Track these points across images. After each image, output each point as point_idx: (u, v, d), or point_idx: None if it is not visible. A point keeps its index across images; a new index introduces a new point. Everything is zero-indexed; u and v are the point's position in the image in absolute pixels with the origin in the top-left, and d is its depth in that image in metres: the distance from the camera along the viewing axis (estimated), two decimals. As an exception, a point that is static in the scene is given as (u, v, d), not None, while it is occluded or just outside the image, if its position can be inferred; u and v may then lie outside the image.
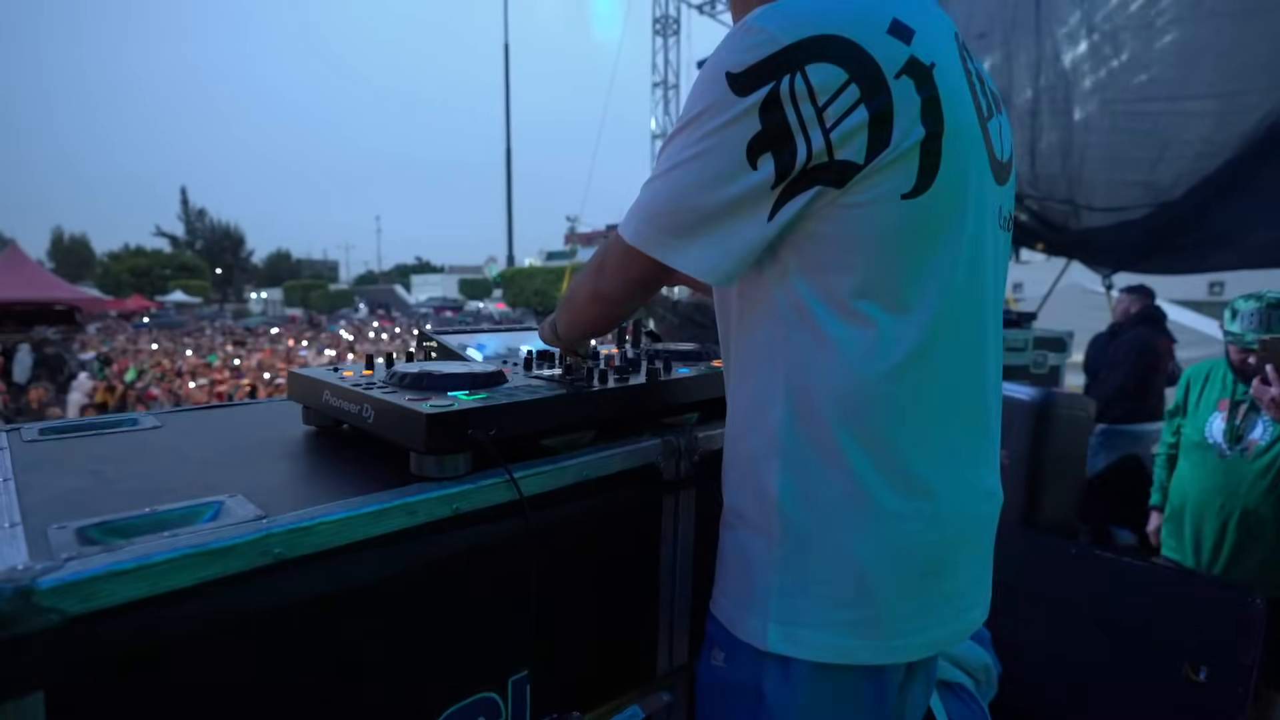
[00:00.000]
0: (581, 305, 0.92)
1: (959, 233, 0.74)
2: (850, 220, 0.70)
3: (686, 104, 0.73)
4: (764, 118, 0.67)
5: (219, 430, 0.98)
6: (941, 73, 0.70)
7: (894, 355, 0.73)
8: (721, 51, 0.70)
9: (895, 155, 0.68)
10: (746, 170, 0.68)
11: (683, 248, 0.73)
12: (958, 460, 0.78)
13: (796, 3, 0.69)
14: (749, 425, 0.81)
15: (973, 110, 0.75)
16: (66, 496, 0.67)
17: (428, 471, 0.74)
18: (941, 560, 0.78)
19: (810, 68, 0.65)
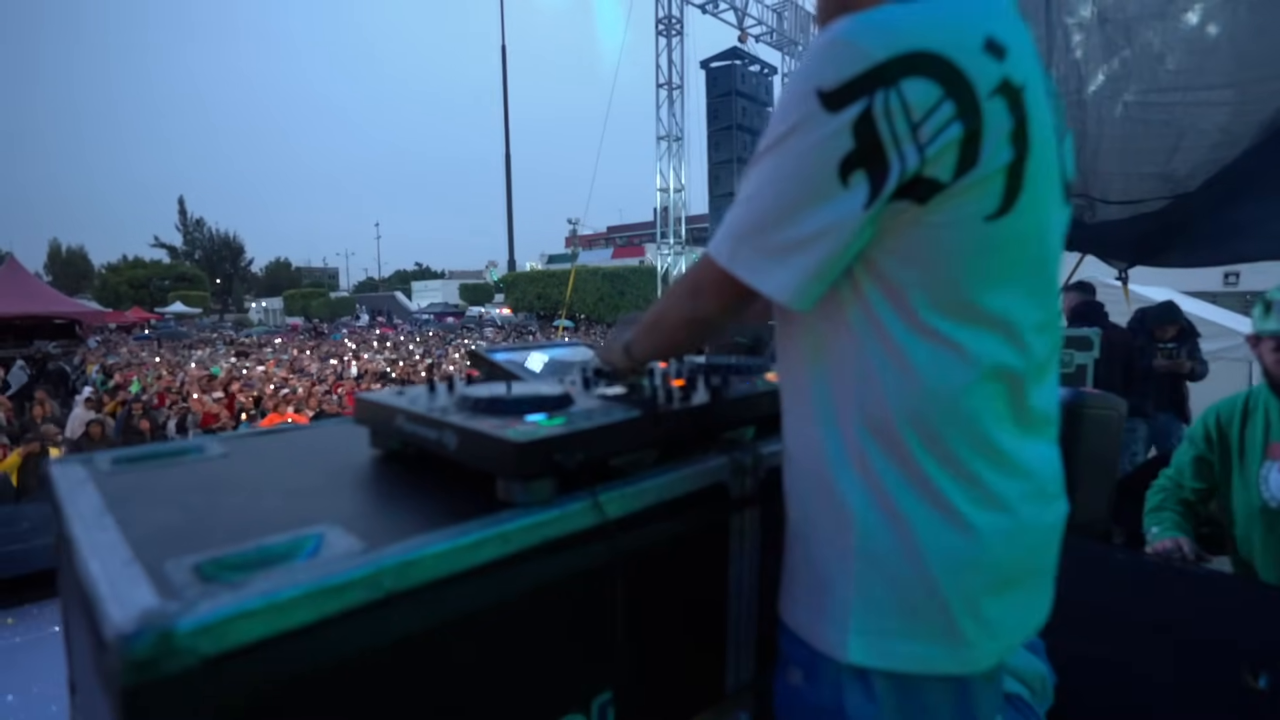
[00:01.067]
0: (674, 329, 0.91)
1: (1034, 253, 0.75)
2: (930, 238, 0.70)
3: (773, 120, 0.72)
4: (857, 135, 0.66)
5: (287, 456, 0.99)
6: (1031, 94, 0.70)
7: (970, 372, 0.73)
8: (810, 65, 0.68)
9: (982, 176, 0.68)
10: (838, 190, 0.68)
11: (769, 270, 0.73)
12: (1031, 472, 0.79)
13: (890, 16, 0.68)
14: (821, 439, 0.81)
15: (1052, 133, 0.75)
16: (168, 530, 0.67)
17: (515, 497, 0.74)
18: (1020, 571, 0.79)
19: (905, 84, 0.65)
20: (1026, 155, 0.69)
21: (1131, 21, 5.68)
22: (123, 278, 51.24)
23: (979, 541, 0.75)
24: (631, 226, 56.23)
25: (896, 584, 0.76)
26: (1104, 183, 5.71)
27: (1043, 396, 0.80)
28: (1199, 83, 5.46)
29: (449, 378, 1.04)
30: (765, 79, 11.90)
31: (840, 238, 0.70)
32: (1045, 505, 0.81)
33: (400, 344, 22.79)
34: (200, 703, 0.50)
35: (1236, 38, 5.03)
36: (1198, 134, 5.50)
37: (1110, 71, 5.76)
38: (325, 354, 18.66)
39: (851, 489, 0.78)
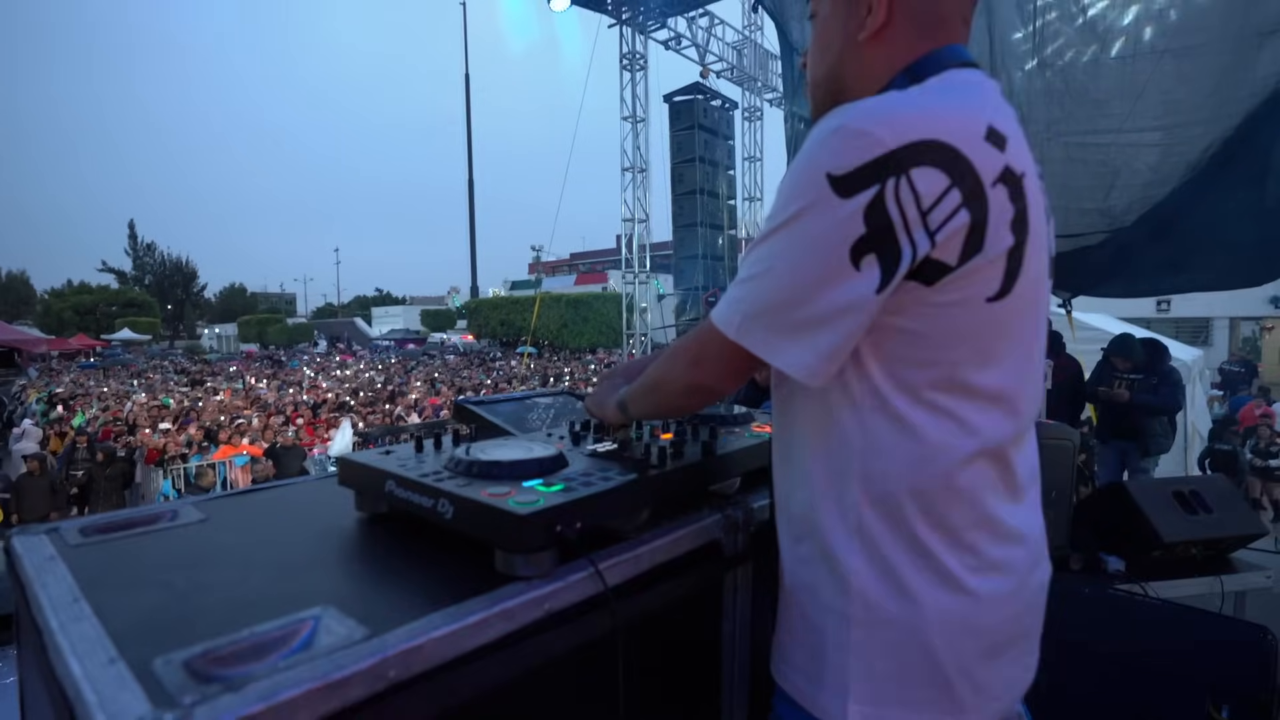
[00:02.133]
0: (675, 394, 0.92)
1: (1029, 328, 0.78)
2: (934, 318, 0.72)
3: (780, 201, 0.73)
4: (869, 220, 0.67)
5: (270, 522, 0.95)
6: (1029, 181, 0.73)
7: (970, 444, 0.75)
8: (819, 152, 0.69)
9: (986, 260, 0.70)
10: (851, 272, 0.69)
11: (784, 347, 0.74)
12: (1023, 537, 0.81)
13: (899, 105, 0.71)
14: (822, 506, 0.82)
15: (1045, 217, 0.79)
16: (152, 618, 0.64)
17: (516, 570, 0.73)
18: (1012, 634, 0.81)
19: (915, 172, 0.66)
20: (1025, 240, 0.73)
21: (1068, 68, 6.04)
22: (67, 303, 49.01)
23: (976, 608, 0.77)
24: (594, 253, 56.48)
25: (895, 652, 0.77)
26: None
27: (1026, 460, 0.83)
28: (1130, 125, 5.82)
29: (437, 435, 1.02)
30: (726, 113, 12.20)
31: (855, 319, 0.71)
32: (1034, 568, 0.83)
33: (360, 372, 22.28)
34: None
35: (1163, 86, 5.38)
36: (1131, 173, 5.86)
37: (1050, 114, 6.09)
38: (283, 382, 18.12)
39: (851, 556, 0.78)
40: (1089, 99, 5.90)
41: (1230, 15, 5.40)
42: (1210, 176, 5.36)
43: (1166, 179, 5.55)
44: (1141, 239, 5.70)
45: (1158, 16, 5.64)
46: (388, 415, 11.91)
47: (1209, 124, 5.44)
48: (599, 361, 24.57)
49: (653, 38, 10.05)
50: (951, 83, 0.77)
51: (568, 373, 21.04)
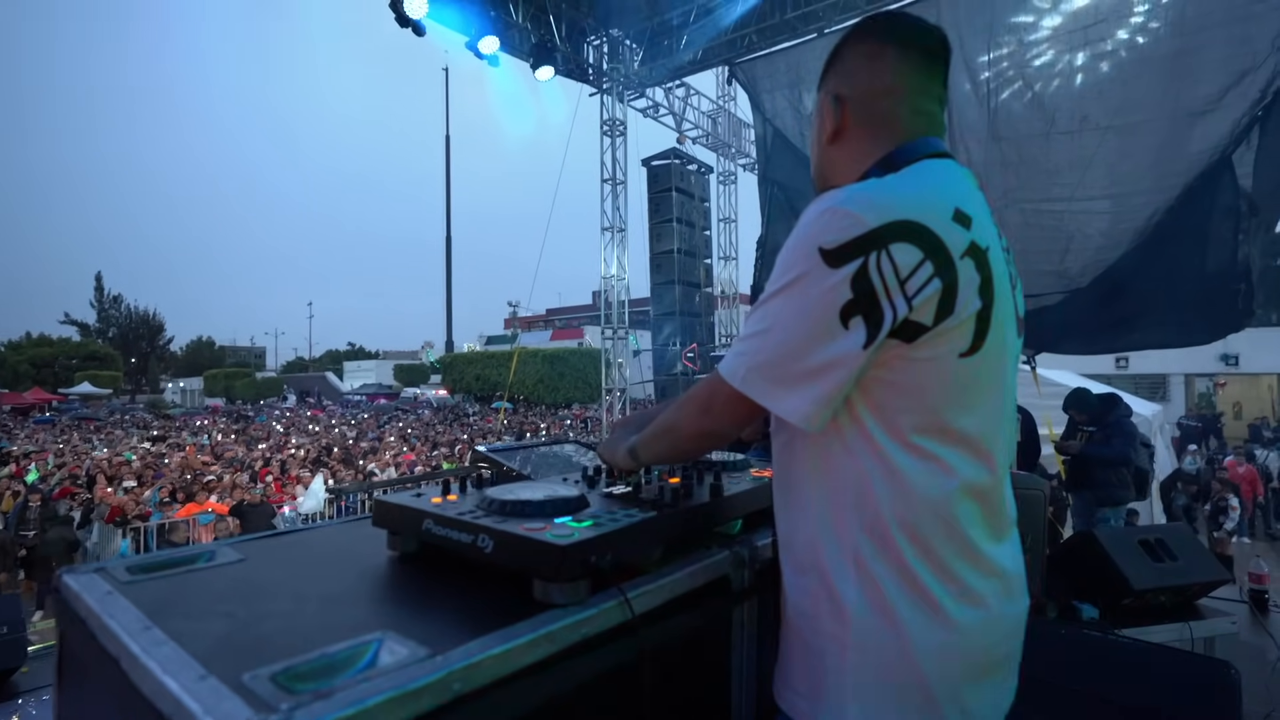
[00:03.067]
0: (685, 439, 1.01)
1: (998, 381, 0.90)
2: (914, 370, 0.83)
3: (779, 269, 0.84)
4: (855, 287, 0.79)
5: (308, 561, 1.00)
6: (992, 254, 0.86)
7: (951, 483, 0.85)
8: (813, 228, 0.82)
9: (957, 322, 0.82)
10: (840, 332, 0.80)
11: (784, 396, 0.84)
12: (1003, 571, 0.90)
13: (879, 190, 0.83)
14: (821, 540, 0.90)
15: (1009, 282, 0.91)
16: (226, 642, 0.69)
17: (554, 599, 0.80)
18: (994, 660, 0.89)
19: (894, 247, 0.78)
20: (991, 304, 0.85)
21: (1022, 140, 6.50)
22: (24, 356, 47.56)
23: (959, 634, 0.84)
24: (570, 309, 56.95)
25: (888, 675, 0.84)
26: (1011, 279, 6.29)
27: (1004, 501, 0.93)
28: (1081, 194, 6.24)
29: (463, 479, 1.09)
30: (702, 177, 12.72)
31: (845, 371, 0.82)
32: (1014, 601, 0.91)
33: (331, 427, 21.87)
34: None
35: (1109, 159, 5.82)
36: (1084, 238, 6.25)
37: (1007, 182, 6.51)
38: (251, 437, 17.69)
39: (848, 586, 0.86)
40: (1042, 169, 6.35)
41: (1164, 97, 5.91)
42: (1156, 242, 5.76)
43: (1117, 243, 5.94)
44: (1096, 299, 6.04)
45: (1099, 97, 6.14)
46: (361, 471, 11.69)
47: (1151, 194, 5.87)
48: (575, 418, 24.49)
49: (632, 106, 10.52)
50: (924, 170, 0.90)
51: (544, 428, 20.92)
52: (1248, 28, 5.59)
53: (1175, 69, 5.75)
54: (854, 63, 0.99)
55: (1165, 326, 5.84)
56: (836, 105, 0.98)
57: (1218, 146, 5.61)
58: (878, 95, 0.96)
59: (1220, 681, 1.53)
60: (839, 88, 0.99)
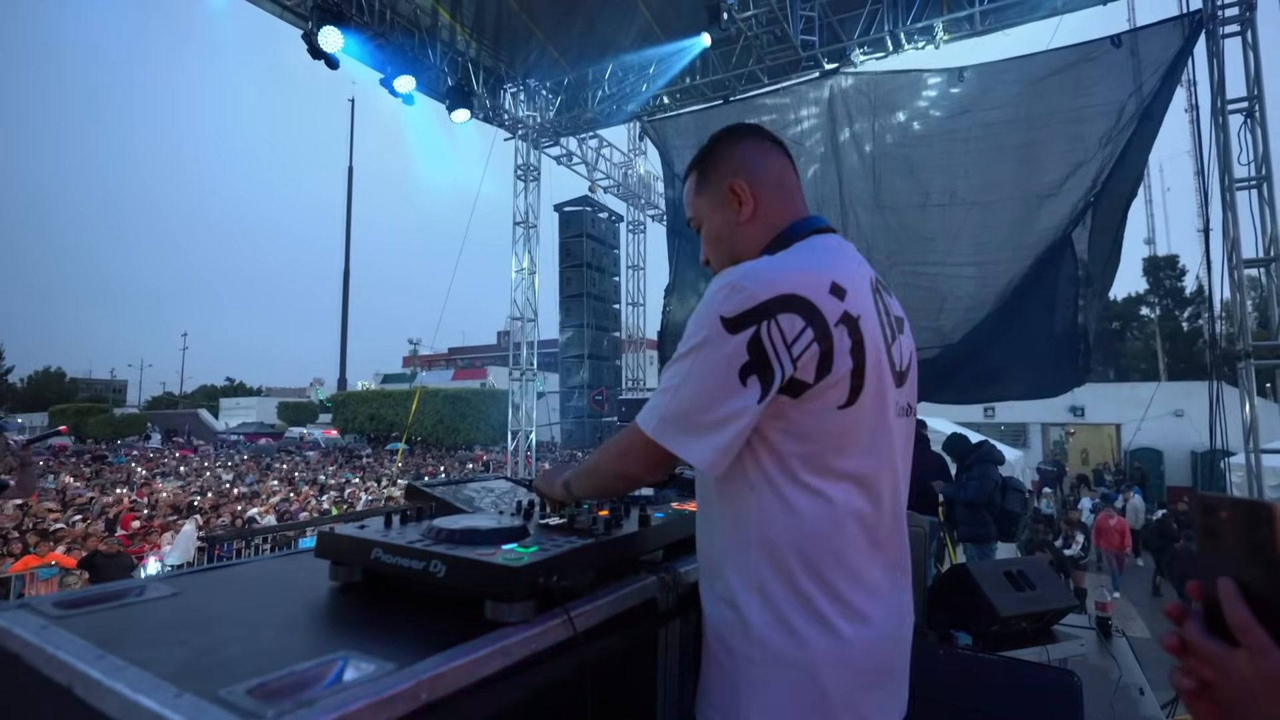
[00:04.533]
0: (608, 480, 1.14)
1: (874, 427, 1.02)
2: (802, 420, 0.98)
3: (688, 333, 0.99)
4: (750, 351, 0.93)
5: (250, 592, 1.01)
6: (865, 321, 1.00)
7: (836, 514, 0.99)
8: (715, 300, 0.96)
9: (834, 380, 0.97)
10: (739, 388, 0.94)
11: (691, 444, 0.97)
12: (883, 592, 1.03)
13: (768, 268, 0.99)
14: (731, 568, 1.03)
15: (882, 342, 1.05)
16: (190, 665, 0.71)
17: (505, 618, 0.86)
18: (883, 672, 1.03)
19: (780, 317, 0.93)
20: (864, 363, 0.99)
21: (902, 209, 7.22)
22: None
23: (849, 648, 0.98)
24: (473, 349, 55.78)
25: (790, 687, 0.97)
26: (893, 333, 6.91)
27: (896, 532, 1.07)
28: (951, 260, 7.00)
29: (403, 512, 1.14)
30: (612, 224, 13.12)
31: (743, 422, 0.95)
32: (899, 620, 1.06)
33: (204, 469, 20.07)
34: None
35: (973, 231, 6.57)
36: (955, 299, 6.99)
37: (889, 246, 7.18)
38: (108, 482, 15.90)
39: (752, 607, 0.99)
40: (919, 236, 7.08)
41: (1016, 181, 6.79)
42: (1014, 305, 6.53)
43: (982, 305, 6.69)
44: (966, 355, 6.72)
45: (965, 176, 6.96)
46: (239, 517, 10.81)
47: (1009, 262, 6.67)
48: (476, 460, 23.78)
49: (546, 153, 10.75)
50: (810, 247, 1.08)
51: (443, 471, 20.15)
52: (1081, 127, 6.58)
53: (1025, 157, 6.66)
54: (748, 155, 1.17)
55: (1023, 381, 6.59)
56: (746, 190, 1.14)
57: (1060, 225, 6.50)
58: (771, 183, 1.16)
59: (1065, 686, 1.77)
60: (739, 177, 1.15)
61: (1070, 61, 6.71)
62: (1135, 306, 33.94)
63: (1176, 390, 16.57)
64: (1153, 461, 17.88)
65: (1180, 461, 17.58)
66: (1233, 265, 6.11)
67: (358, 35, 7.64)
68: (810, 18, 8.29)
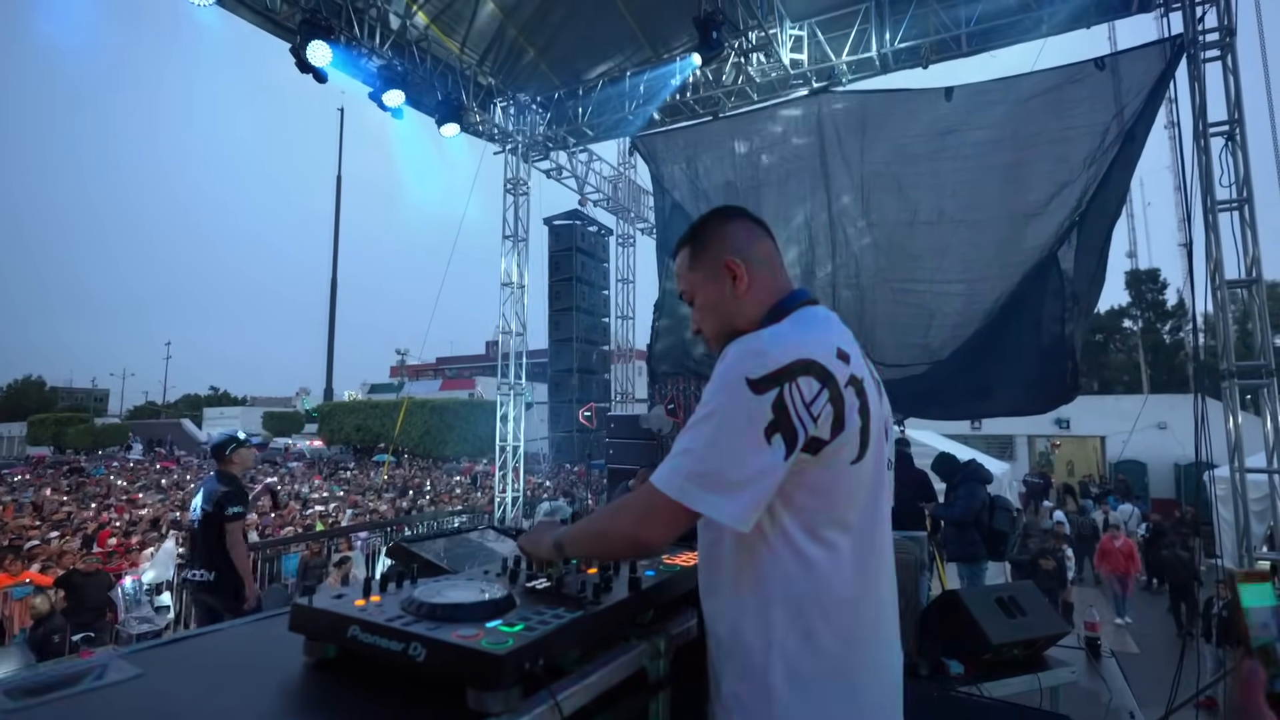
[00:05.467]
0: (618, 544, 1.11)
1: (875, 479, 1.09)
2: (820, 476, 1.02)
3: (710, 395, 1.01)
4: (774, 410, 0.97)
5: (218, 672, 0.95)
6: (865, 383, 1.07)
7: (850, 566, 1.03)
8: (739, 364, 1.00)
9: (847, 437, 1.02)
10: (765, 446, 0.97)
11: (719, 502, 0.97)
12: (893, 640, 1.08)
13: (786, 336, 1.05)
14: (746, 625, 1.04)
15: (879, 400, 1.11)
16: None
17: (489, 708, 0.82)
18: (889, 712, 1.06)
19: (800, 380, 0.99)
20: (869, 420, 1.05)
21: (891, 227, 7.26)
22: None
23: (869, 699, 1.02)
24: (461, 359, 55.47)
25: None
26: (880, 350, 6.94)
27: (890, 575, 1.10)
28: (940, 277, 7.03)
29: (383, 578, 1.09)
30: (602, 238, 13.10)
31: (770, 479, 0.98)
32: (897, 659, 1.10)
33: (186, 481, 19.75)
34: None
35: (962, 248, 6.61)
36: (944, 315, 7.02)
37: (878, 263, 7.22)
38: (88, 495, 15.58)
39: (772, 666, 1.00)
40: (907, 254, 7.12)
41: (1003, 200, 6.85)
42: (1001, 322, 6.57)
43: (970, 321, 6.72)
44: (954, 371, 6.75)
45: (952, 195, 7.02)
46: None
47: (997, 280, 6.72)
48: (464, 473, 23.56)
49: (535, 166, 10.74)
50: (806, 317, 1.13)
51: (428, 483, 19.96)
52: (1065, 148, 6.66)
53: (1011, 176, 6.73)
54: (740, 235, 1.23)
55: (1011, 396, 6.63)
56: (741, 267, 1.19)
57: (1046, 244, 6.56)
58: (760, 260, 1.21)
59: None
60: (733, 254, 1.20)
61: (1055, 83, 6.80)
62: (1118, 319, 34.38)
63: (1160, 403, 16.76)
64: (1137, 474, 18.03)
65: (1164, 474, 17.75)
66: (1216, 286, 6.17)
67: (346, 50, 7.60)
68: (800, 36, 8.35)
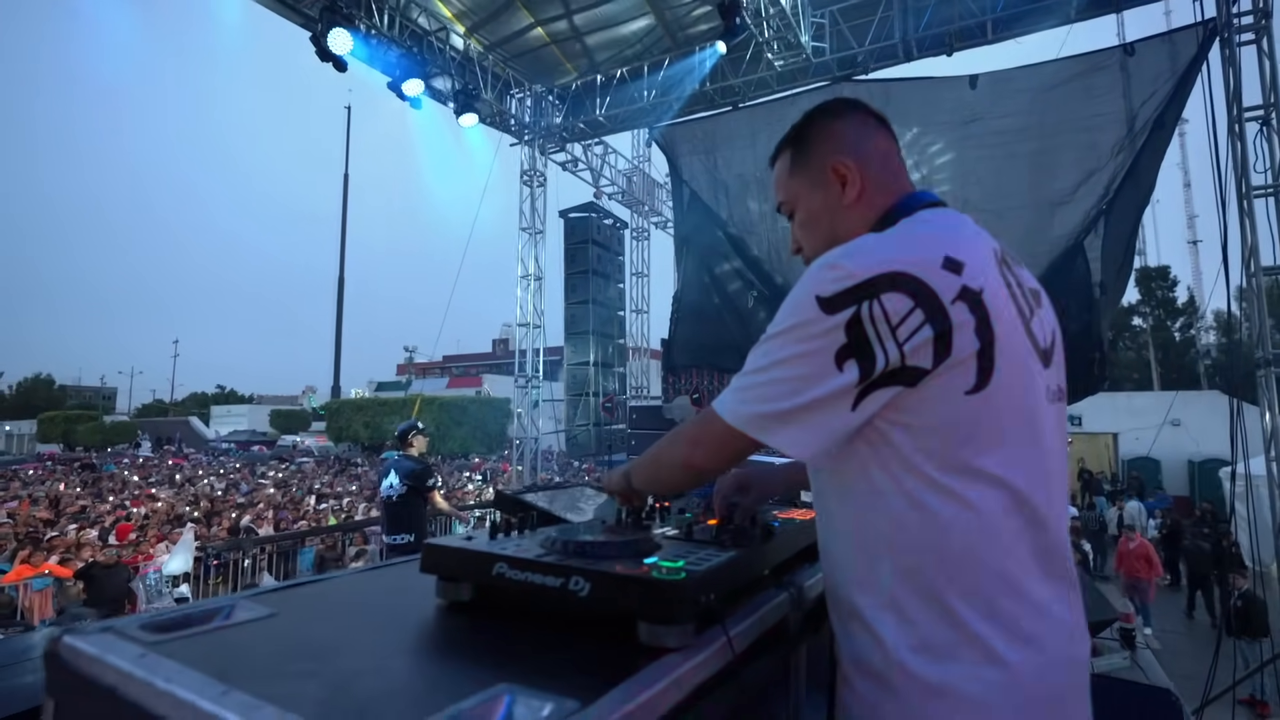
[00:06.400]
0: (671, 471, 1.04)
1: (1017, 413, 0.90)
2: (926, 411, 0.86)
3: (781, 314, 0.89)
4: (849, 333, 0.84)
5: (352, 614, 0.89)
6: (989, 294, 0.87)
7: (980, 519, 0.86)
8: (811, 280, 0.87)
9: (956, 362, 0.85)
10: (834, 372, 0.85)
11: (780, 430, 0.88)
12: (1054, 610, 0.89)
13: (868, 246, 0.90)
14: (861, 582, 0.92)
15: (1016, 317, 0.92)
16: (333, 704, 0.60)
17: (665, 642, 0.76)
18: (1053, 701, 0.87)
19: (884, 296, 0.83)
20: (993, 341, 0.86)
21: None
22: None
23: (1012, 674, 0.84)
24: (468, 357, 55.45)
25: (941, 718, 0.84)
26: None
27: (1056, 541, 0.92)
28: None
29: (506, 521, 1.03)
30: (617, 231, 13.05)
31: (837, 408, 0.86)
32: (1071, 642, 0.90)
33: (197, 478, 19.76)
34: None
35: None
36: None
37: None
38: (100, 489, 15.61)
39: (889, 627, 0.88)
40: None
41: (1029, 188, 6.76)
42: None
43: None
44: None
45: (977, 183, 6.93)
46: (237, 526, 10.59)
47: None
48: (475, 469, 23.53)
49: (551, 159, 10.70)
50: (919, 222, 0.97)
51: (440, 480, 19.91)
52: (1093, 135, 6.56)
53: (1037, 164, 6.64)
54: (853, 132, 1.08)
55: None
56: (853, 170, 1.05)
57: (1073, 233, 6.47)
58: (876, 161, 1.07)
59: (1169, 707, 1.67)
60: (842, 156, 1.06)
61: (1082, 69, 6.71)
62: (1128, 317, 34.20)
63: (1173, 400, 16.59)
64: (1150, 471, 17.90)
65: (1177, 471, 17.61)
66: (1251, 272, 6.08)
67: (366, 39, 7.56)
68: (821, 24, 8.28)
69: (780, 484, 1.32)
